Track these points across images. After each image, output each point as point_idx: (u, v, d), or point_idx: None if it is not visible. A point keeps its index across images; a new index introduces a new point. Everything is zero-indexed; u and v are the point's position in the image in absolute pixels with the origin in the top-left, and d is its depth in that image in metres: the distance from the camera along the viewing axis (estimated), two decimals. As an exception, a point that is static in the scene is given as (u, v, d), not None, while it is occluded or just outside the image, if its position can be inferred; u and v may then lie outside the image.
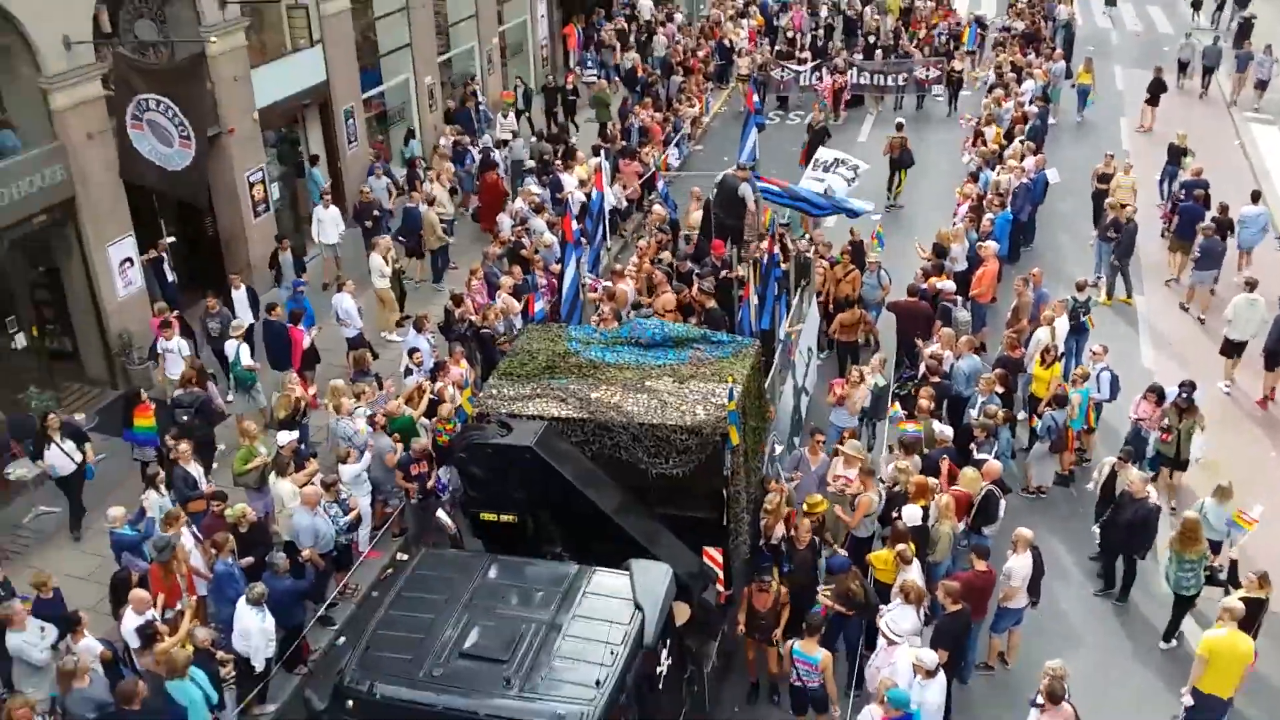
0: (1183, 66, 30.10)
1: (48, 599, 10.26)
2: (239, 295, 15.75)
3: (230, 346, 14.62)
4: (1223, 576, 11.18)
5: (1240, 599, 10.23)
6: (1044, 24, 31.69)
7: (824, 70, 27.28)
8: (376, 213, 18.72)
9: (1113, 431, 14.24)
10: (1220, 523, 11.72)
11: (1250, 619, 10.18)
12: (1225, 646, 9.91)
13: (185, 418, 13.48)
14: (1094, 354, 14.38)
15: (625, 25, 31.89)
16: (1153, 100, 26.36)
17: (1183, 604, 11.49)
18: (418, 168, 20.87)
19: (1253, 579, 10.50)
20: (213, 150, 16.50)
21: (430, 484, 12.29)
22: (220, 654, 9.83)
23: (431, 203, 19.06)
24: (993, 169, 20.52)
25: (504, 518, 10.75)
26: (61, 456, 12.50)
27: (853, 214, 17.00)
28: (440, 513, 12.26)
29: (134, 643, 9.77)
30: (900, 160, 22.12)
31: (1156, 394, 13.39)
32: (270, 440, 12.66)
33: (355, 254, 18.76)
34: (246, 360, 14.54)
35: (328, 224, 18.32)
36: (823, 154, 18.44)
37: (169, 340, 14.32)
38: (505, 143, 22.80)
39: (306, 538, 11.20)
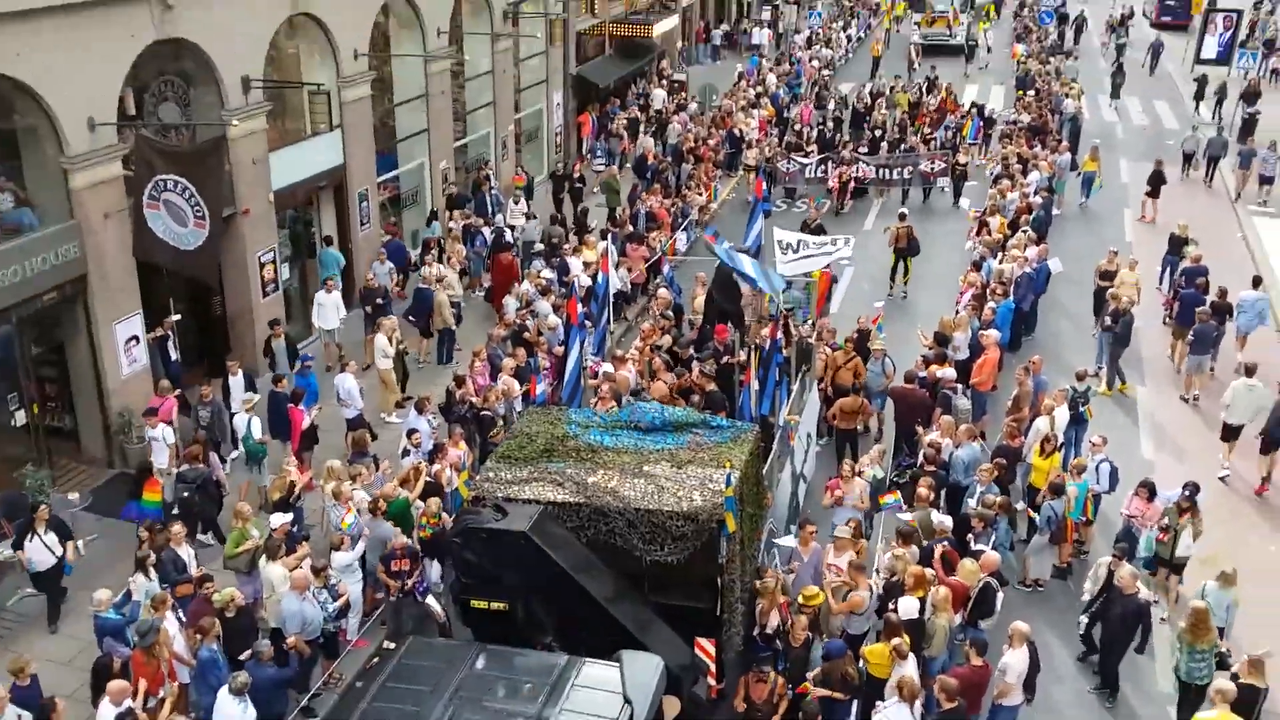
0: (1188, 158, 30.28)
1: (24, 686, 9.98)
2: (236, 381, 15.63)
3: (241, 420, 14.62)
4: (1232, 661, 10.95)
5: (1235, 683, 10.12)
6: (1051, 117, 31.97)
7: (830, 163, 27.44)
8: (380, 300, 18.72)
9: (1112, 524, 13.97)
10: (1221, 608, 11.56)
11: (1246, 705, 10.03)
12: None
13: (187, 494, 13.47)
14: (1093, 445, 14.20)
15: (639, 114, 32.38)
16: (1153, 192, 26.47)
17: (1195, 694, 11.14)
18: (432, 249, 21.03)
19: (1244, 663, 10.41)
20: (226, 230, 16.62)
21: (410, 583, 11.98)
22: (198, 745, 9.58)
23: (440, 281, 19.17)
24: (996, 258, 20.52)
25: (495, 605, 10.62)
26: (42, 550, 12.17)
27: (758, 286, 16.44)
28: (430, 600, 12.03)
29: (109, 735, 9.52)
30: (907, 249, 22.13)
31: (1148, 490, 13.19)
32: (263, 522, 12.50)
33: (356, 339, 18.78)
34: (258, 434, 14.55)
35: (328, 309, 18.27)
36: (784, 235, 18.19)
37: (154, 429, 14.12)
38: (514, 227, 22.99)
39: (294, 623, 10.96)
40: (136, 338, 15.50)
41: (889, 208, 26.98)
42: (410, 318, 18.95)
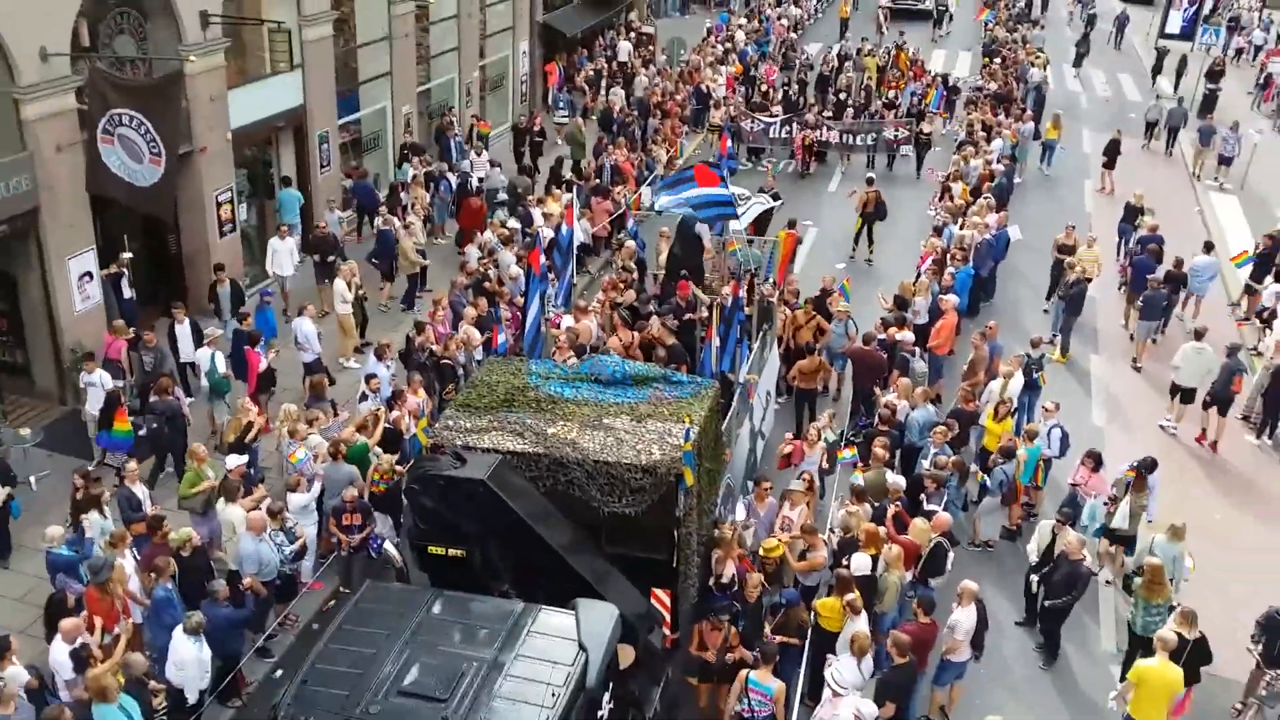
0: (1150, 127, 30.69)
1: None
2: (182, 330, 15.29)
3: (204, 355, 14.56)
4: None
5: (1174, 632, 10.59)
6: (1016, 85, 32.13)
7: (794, 125, 27.34)
8: (330, 253, 18.36)
9: (1062, 489, 14.21)
10: (1169, 560, 11.89)
11: (1179, 654, 10.51)
12: (1154, 674, 10.30)
13: (156, 425, 13.42)
14: (1045, 411, 14.47)
15: (606, 66, 32.08)
16: (1109, 163, 26.73)
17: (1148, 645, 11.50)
18: (399, 192, 20.78)
19: (1177, 614, 10.86)
20: (183, 168, 16.36)
21: (360, 538, 11.94)
22: (153, 683, 9.53)
23: (406, 227, 19.01)
24: (957, 224, 20.70)
25: (452, 552, 10.63)
26: None
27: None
28: (387, 546, 12.05)
29: (63, 673, 9.48)
30: (875, 214, 22.18)
31: (1094, 460, 13.38)
32: (219, 464, 12.42)
33: (308, 286, 18.43)
34: (222, 368, 14.47)
35: (282, 255, 17.99)
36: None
37: (90, 374, 13.84)
38: (482, 178, 22.76)
39: (250, 564, 10.97)
40: (90, 273, 15.24)
41: (852, 173, 27.09)
42: (373, 260, 18.79)
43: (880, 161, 27.76)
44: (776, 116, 27.80)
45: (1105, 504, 13.07)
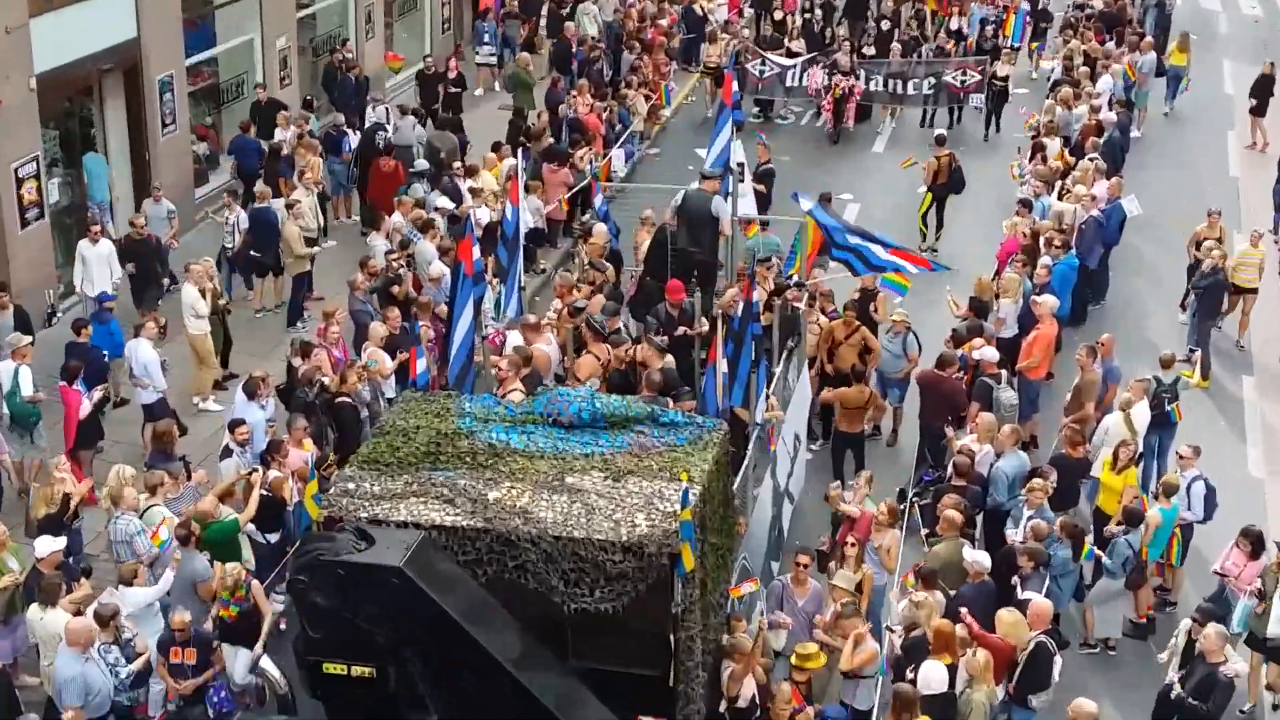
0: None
1: None
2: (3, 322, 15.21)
3: (6, 370, 14.54)
4: None
5: None
6: (1130, 3, 32.49)
7: (818, 67, 27.36)
8: (166, 280, 18.45)
9: (1206, 568, 14.27)
10: None
11: None
12: None
13: None
14: (1181, 458, 14.57)
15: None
16: (1259, 108, 27.02)
17: None
18: (279, 159, 20.91)
19: None
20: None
21: (198, 682, 11.72)
22: None
23: (291, 208, 19.10)
24: (1053, 195, 20.89)
25: (356, 671, 10.62)
26: None
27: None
28: (265, 661, 12.00)
29: None
30: (949, 186, 22.41)
31: (1251, 540, 13.38)
32: (24, 551, 12.35)
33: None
34: (28, 390, 14.45)
35: (95, 265, 17.70)
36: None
37: None
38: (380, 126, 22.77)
39: (72, 692, 10.80)
40: None
41: (901, 132, 27.37)
42: (254, 254, 18.89)
43: (942, 116, 27.96)
44: (796, 57, 27.94)
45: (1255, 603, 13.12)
